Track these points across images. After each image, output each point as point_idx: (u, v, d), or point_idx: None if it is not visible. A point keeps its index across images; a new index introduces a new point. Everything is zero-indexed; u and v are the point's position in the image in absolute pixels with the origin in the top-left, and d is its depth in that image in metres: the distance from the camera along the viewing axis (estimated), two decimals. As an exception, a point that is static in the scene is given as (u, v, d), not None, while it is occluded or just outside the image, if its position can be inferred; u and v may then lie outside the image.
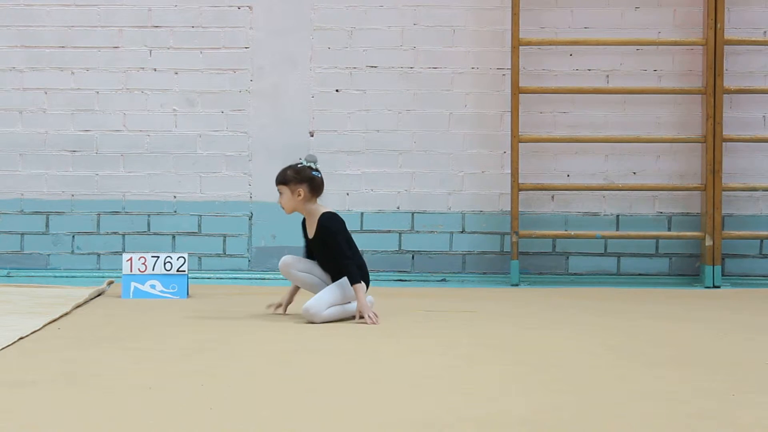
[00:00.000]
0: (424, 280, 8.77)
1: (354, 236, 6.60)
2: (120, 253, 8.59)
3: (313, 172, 6.51)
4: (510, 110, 8.69)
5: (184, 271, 7.60)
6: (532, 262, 8.87)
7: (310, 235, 6.54)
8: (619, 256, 8.88)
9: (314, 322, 6.36)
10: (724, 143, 8.65)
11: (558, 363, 5.35)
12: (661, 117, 8.85)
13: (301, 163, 6.53)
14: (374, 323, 6.32)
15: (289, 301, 6.72)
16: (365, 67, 8.86)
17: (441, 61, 8.87)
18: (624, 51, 8.83)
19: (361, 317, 6.36)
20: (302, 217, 6.64)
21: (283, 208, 6.57)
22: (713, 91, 8.59)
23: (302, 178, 6.49)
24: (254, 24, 8.90)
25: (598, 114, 8.86)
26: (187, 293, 7.60)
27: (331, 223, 6.46)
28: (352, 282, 6.37)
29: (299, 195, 6.48)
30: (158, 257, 7.60)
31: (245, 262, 8.89)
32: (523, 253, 8.78)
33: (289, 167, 6.54)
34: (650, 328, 6.46)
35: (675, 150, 8.86)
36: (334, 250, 6.45)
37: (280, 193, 6.54)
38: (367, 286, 6.52)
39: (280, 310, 6.72)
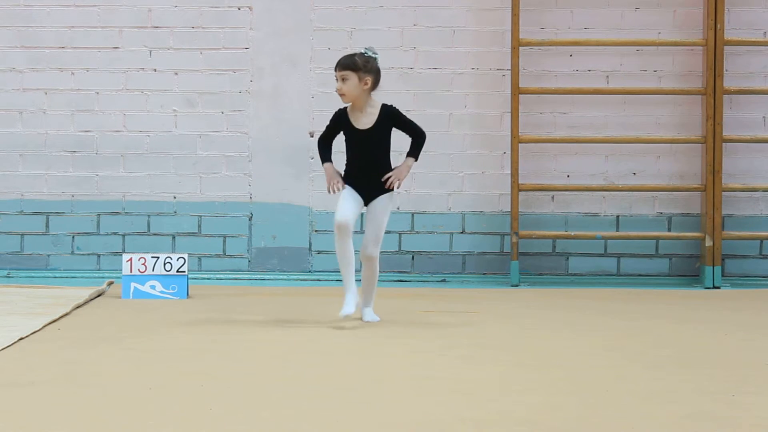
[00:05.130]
0: (424, 281, 8.77)
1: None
2: (120, 254, 8.58)
3: (377, 65, 6.36)
4: (510, 111, 8.68)
5: (184, 271, 7.60)
6: (532, 263, 8.86)
7: (366, 125, 6.34)
8: (619, 256, 8.88)
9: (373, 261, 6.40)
10: (724, 144, 8.64)
11: (558, 363, 5.36)
12: (661, 117, 8.85)
13: (367, 53, 6.34)
14: (398, 185, 6.42)
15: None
16: (365, 67, 8.86)
17: (441, 62, 8.87)
18: (624, 51, 8.83)
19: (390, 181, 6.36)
20: (340, 109, 6.41)
21: (343, 96, 6.31)
22: (713, 92, 8.59)
23: (371, 68, 6.33)
24: (254, 24, 8.89)
25: (598, 115, 8.86)
26: (187, 294, 7.60)
27: (398, 111, 6.41)
28: (416, 155, 6.46)
29: (366, 84, 6.31)
30: (158, 258, 7.60)
31: (245, 263, 8.89)
32: (523, 253, 8.77)
33: (356, 54, 6.34)
34: (650, 329, 6.46)
35: (675, 150, 8.86)
36: (409, 128, 6.43)
37: (343, 79, 6.28)
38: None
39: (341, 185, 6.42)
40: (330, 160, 6.41)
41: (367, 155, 6.36)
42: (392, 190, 6.42)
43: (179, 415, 4.21)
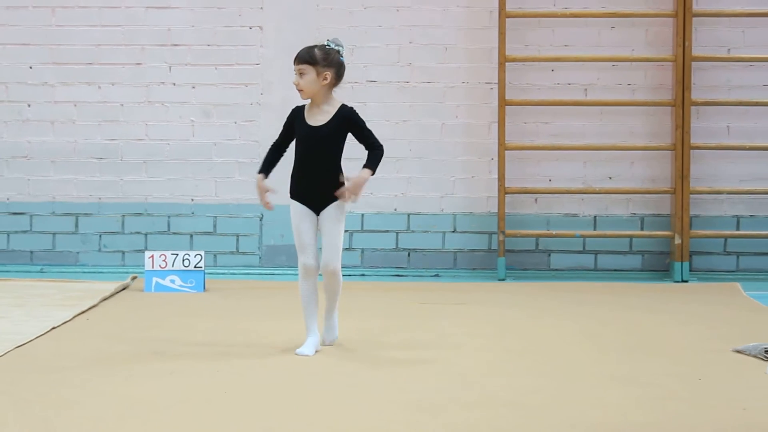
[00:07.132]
0: (419, 276, 8.80)
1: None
2: (142, 251, 8.61)
3: (341, 58, 5.32)
4: (497, 121, 8.71)
5: (201, 267, 7.63)
6: (517, 259, 8.89)
7: (318, 122, 5.29)
8: (596, 253, 8.91)
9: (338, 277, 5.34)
10: (691, 151, 8.67)
11: (540, 350, 5.39)
12: (634, 127, 8.88)
13: (328, 45, 5.32)
14: (353, 200, 5.31)
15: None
16: (365, 81, 8.89)
17: (434, 76, 8.90)
18: (601, 67, 8.86)
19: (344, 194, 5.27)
20: (297, 106, 5.42)
21: (301, 91, 5.29)
22: (682, 104, 8.62)
23: (331, 62, 5.27)
24: (264, 42, 8.93)
25: (577, 124, 8.88)
26: (204, 287, 7.63)
27: (356, 114, 5.31)
28: (373, 168, 5.27)
29: (325, 79, 5.25)
30: (177, 255, 7.63)
31: (256, 259, 8.92)
32: (509, 250, 8.80)
33: (315, 47, 5.32)
34: (624, 319, 6.49)
35: (647, 157, 8.89)
36: (365, 137, 5.30)
37: (301, 73, 5.26)
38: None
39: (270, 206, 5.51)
40: (265, 172, 5.46)
41: (314, 157, 5.30)
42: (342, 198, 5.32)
43: (197, 397, 4.25)
